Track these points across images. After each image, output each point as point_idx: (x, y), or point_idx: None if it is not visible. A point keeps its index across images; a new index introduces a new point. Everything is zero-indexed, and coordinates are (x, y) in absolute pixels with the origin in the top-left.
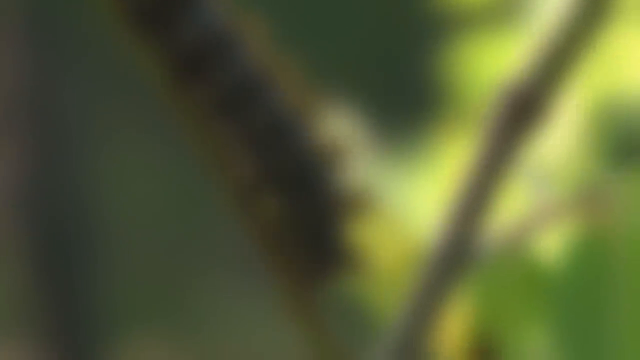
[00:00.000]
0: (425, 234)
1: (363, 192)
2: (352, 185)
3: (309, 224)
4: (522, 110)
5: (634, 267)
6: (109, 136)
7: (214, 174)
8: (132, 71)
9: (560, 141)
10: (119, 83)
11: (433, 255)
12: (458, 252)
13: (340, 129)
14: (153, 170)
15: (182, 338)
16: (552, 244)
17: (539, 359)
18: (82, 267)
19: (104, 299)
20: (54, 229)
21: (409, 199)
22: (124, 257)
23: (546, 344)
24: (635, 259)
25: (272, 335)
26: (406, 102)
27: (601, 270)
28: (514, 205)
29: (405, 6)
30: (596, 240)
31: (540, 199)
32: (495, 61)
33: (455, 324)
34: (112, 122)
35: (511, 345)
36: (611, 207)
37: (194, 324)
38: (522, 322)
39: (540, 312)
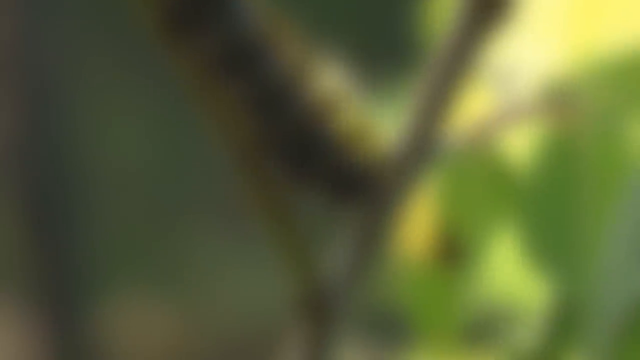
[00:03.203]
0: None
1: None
2: (347, 136)
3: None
4: (488, 5)
5: (599, 168)
6: (96, 91)
7: (207, 129)
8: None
9: (528, 40)
10: (109, 35)
11: (397, 152)
12: (423, 150)
13: (334, 82)
14: (140, 124)
15: (171, 291)
16: (518, 143)
17: (505, 258)
18: (69, 222)
19: (91, 254)
20: (40, 185)
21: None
22: (112, 212)
23: (512, 243)
24: (601, 160)
25: (260, 284)
26: (388, 53)
27: (567, 170)
28: (480, 104)
29: None
30: (562, 141)
31: (507, 98)
32: None
33: (421, 223)
34: (99, 77)
35: (477, 244)
36: (578, 108)
37: (183, 278)
38: (488, 221)
39: (506, 211)
